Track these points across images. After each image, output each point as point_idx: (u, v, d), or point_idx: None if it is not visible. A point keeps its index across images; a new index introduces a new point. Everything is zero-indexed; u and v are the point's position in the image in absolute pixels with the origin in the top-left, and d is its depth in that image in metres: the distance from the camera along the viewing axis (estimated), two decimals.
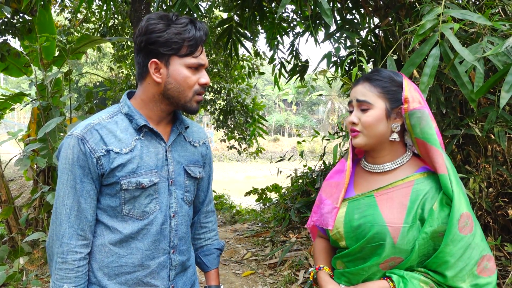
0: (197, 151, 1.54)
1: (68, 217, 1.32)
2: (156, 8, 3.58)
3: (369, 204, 1.31)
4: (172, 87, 1.35)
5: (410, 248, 1.23)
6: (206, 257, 1.66)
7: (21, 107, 5.02)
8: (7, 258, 4.06)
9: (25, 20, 5.26)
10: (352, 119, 1.33)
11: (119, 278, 1.38)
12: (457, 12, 1.89)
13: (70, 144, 1.32)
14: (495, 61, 1.86)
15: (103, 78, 5.84)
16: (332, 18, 3.14)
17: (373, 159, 1.38)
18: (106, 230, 1.38)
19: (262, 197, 7.64)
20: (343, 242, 1.35)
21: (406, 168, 1.34)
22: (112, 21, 8.32)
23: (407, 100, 1.30)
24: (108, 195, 1.36)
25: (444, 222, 1.22)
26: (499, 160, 2.82)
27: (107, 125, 1.36)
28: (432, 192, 1.27)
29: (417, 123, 1.29)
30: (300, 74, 4.54)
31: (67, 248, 1.32)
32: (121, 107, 1.42)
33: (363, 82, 1.34)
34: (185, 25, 1.32)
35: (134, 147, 1.35)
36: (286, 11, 5.31)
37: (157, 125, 1.42)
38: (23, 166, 2.82)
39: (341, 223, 1.34)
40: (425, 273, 1.24)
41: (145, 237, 1.38)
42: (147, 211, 1.38)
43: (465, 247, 1.20)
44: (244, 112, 8.99)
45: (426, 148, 1.29)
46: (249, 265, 4.60)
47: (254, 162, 29.05)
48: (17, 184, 10.79)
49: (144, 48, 1.34)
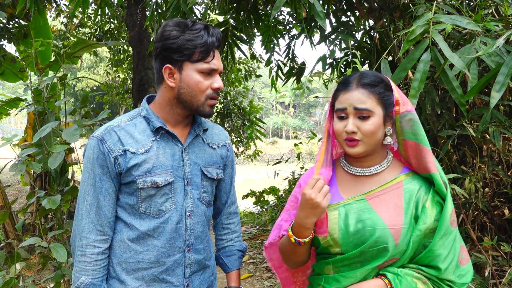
0: (216, 153, 1.58)
1: (88, 213, 1.40)
2: (151, 12, 3.59)
3: (363, 208, 1.29)
4: (185, 92, 1.40)
5: (406, 247, 1.25)
6: (227, 258, 1.69)
7: (17, 112, 5.01)
8: (3, 263, 4.03)
9: (21, 25, 5.26)
10: (352, 129, 1.26)
11: (136, 273, 1.43)
12: (447, 17, 1.91)
13: (91, 144, 1.41)
14: (488, 61, 1.87)
15: (100, 83, 5.85)
16: (326, 20, 3.15)
17: (360, 163, 1.34)
18: (125, 227, 1.44)
19: (259, 199, 7.63)
20: (337, 249, 1.30)
21: (392, 169, 1.34)
22: (108, 25, 8.32)
23: (398, 102, 1.30)
24: (126, 194, 1.42)
25: (436, 219, 1.26)
26: (494, 160, 2.83)
27: (126, 127, 1.43)
28: (422, 191, 1.29)
29: (409, 125, 1.30)
30: (296, 77, 4.55)
31: (86, 242, 1.39)
32: (140, 110, 1.50)
33: (359, 88, 1.27)
34: (198, 31, 1.38)
35: (150, 147, 1.42)
36: (282, 14, 5.33)
37: (174, 127, 1.48)
38: (18, 171, 2.81)
39: (335, 229, 1.29)
40: (416, 269, 1.26)
41: (161, 234, 1.43)
42: (162, 210, 1.43)
43: (453, 240, 1.26)
44: (241, 115, 8.99)
45: (417, 149, 1.30)
46: (247, 268, 4.59)
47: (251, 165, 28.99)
48: (14, 190, 10.75)
49: (159, 54, 1.41)
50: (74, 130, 2.73)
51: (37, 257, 4.48)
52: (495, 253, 2.84)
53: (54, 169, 3.05)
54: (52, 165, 2.60)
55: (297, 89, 4.04)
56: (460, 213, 2.63)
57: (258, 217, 7.17)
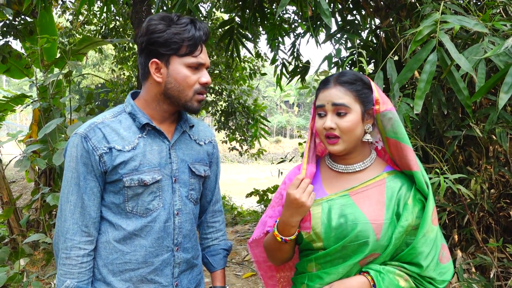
0: (203, 150, 1.55)
1: (72, 213, 1.35)
2: (156, 10, 3.58)
3: (346, 203, 1.31)
4: (172, 87, 1.36)
5: (388, 243, 1.27)
6: (212, 257, 1.66)
7: (22, 108, 5.03)
8: (8, 259, 4.06)
9: (27, 22, 5.27)
10: (330, 125, 1.30)
11: (123, 275, 1.39)
12: (455, 18, 1.89)
13: (74, 142, 1.36)
14: (497, 61, 1.85)
15: (105, 80, 5.85)
16: (332, 18, 3.14)
17: (344, 160, 1.38)
18: (110, 227, 1.40)
19: (263, 198, 7.63)
20: (320, 243, 1.32)
21: (375, 167, 1.38)
22: (114, 22, 8.33)
23: (378, 101, 1.33)
24: (111, 192, 1.38)
25: (418, 216, 1.30)
26: (501, 161, 2.81)
27: (111, 123, 1.39)
28: (404, 188, 1.32)
29: (389, 124, 1.32)
30: (301, 75, 4.53)
31: (71, 244, 1.34)
32: (125, 106, 1.45)
33: (337, 86, 1.32)
34: (185, 25, 1.34)
35: (137, 145, 1.38)
36: (287, 12, 5.31)
37: (160, 124, 1.44)
38: (23, 167, 2.82)
39: (318, 224, 1.32)
40: (399, 267, 1.29)
41: (148, 234, 1.40)
42: (150, 208, 1.39)
43: (434, 237, 1.29)
44: (245, 114, 8.98)
45: (398, 147, 1.33)
46: (250, 266, 4.59)
47: (255, 164, 29.03)
48: (19, 186, 10.81)
49: (145, 49, 1.37)
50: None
51: (41, 253, 4.49)
52: (501, 255, 2.81)
53: (58, 166, 3.06)
54: (56, 162, 2.61)
55: (303, 88, 4.02)
56: (466, 214, 2.61)
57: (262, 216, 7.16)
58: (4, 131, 13.73)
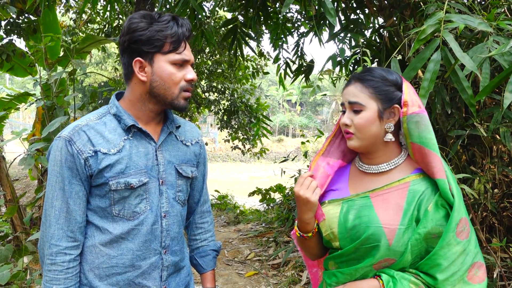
0: (190, 150, 1.53)
1: (57, 218, 1.32)
2: (159, 8, 3.59)
3: (364, 205, 1.29)
4: (157, 85, 1.34)
5: (403, 250, 1.22)
6: (202, 258, 1.64)
7: (26, 106, 5.05)
8: (11, 257, 4.07)
9: (30, 20, 5.29)
10: (345, 121, 1.31)
11: (110, 279, 1.37)
12: (459, 17, 1.88)
13: (58, 146, 1.32)
14: (501, 61, 1.84)
15: (108, 78, 5.85)
16: (336, 18, 3.13)
17: (368, 160, 1.36)
18: (96, 231, 1.37)
19: (265, 197, 7.63)
20: (337, 243, 1.33)
21: (402, 168, 1.32)
22: (117, 21, 8.34)
23: (407, 103, 1.27)
24: (97, 196, 1.36)
25: (439, 224, 1.22)
26: (504, 161, 2.80)
27: (95, 126, 1.35)
28: (428, 193, 1.25)
29: (416, 128, 1.27)
30: (305, 75, 4.53)
31: (56, 249, 1.31)
32: (109, 108, 1.41)
33: (355, 83, 1.31)
34: (167, 22, 1.32)
35: (123, 147, 1.35)
36: (291, 11, 5.30)
37: (146, 125, 1.41)
38: (27, 166, 2.83)
39: (335, 224, 1.32)
40: (415, 274, 1.24)
41: (135, 237, 1.37)
42: (137, 211, 1.37)
43: (460, 252, 1.20)
44: (248, 113, 8.98)
45: (422, 152, 1.27)
46: (253, 265, 4.60)
47: (258, 163, 29.03)
48: (22, 184, 10.85)
49: (127, 48, 1.34)
50: None
51: None
52: (504, 255, 2.81)
53: None
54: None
55: (306, 87, 4.02)
56: (469, 214, 2.61)
57: (264, 215, 7.17)
58: (8, 129, 13.78)
